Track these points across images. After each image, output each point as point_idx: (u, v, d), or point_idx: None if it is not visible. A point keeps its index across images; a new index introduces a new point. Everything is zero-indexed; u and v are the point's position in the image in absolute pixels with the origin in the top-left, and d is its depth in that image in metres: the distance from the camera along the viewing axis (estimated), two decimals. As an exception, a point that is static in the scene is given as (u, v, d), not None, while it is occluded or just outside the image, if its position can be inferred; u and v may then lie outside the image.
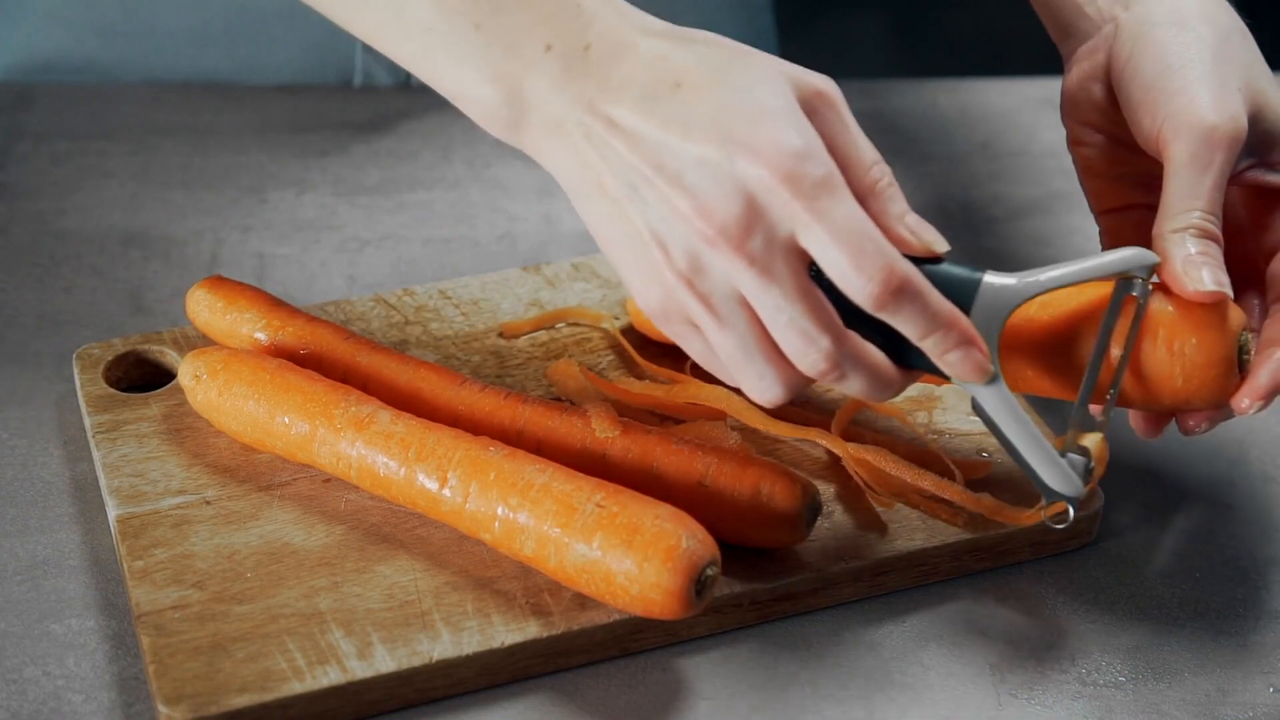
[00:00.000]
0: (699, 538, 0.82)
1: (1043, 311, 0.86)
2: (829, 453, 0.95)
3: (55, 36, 1.27)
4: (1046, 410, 0.98)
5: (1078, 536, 0.94)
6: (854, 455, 0.92)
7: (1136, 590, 0.92)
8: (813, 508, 0.88)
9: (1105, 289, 0.85)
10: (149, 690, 0.83)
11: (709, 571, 0.82)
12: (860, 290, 0.77)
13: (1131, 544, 0.95)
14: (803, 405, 0.98)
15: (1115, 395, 0.85)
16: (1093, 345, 0.85)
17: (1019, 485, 0.94)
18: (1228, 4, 0.91)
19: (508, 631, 0.84)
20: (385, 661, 0.83)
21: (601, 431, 0.90)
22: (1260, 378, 0.84)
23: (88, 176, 1.18)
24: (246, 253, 1.13)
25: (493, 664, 0.84)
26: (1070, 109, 0.94)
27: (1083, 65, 0.93)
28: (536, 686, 0.85)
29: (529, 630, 0.85)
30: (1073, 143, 0.94)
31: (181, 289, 1.07)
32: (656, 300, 0.81)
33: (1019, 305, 0.82)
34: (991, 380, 0.81)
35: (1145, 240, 0.90)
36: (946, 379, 0.82)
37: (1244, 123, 0.86)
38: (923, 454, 0.95)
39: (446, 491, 0.86)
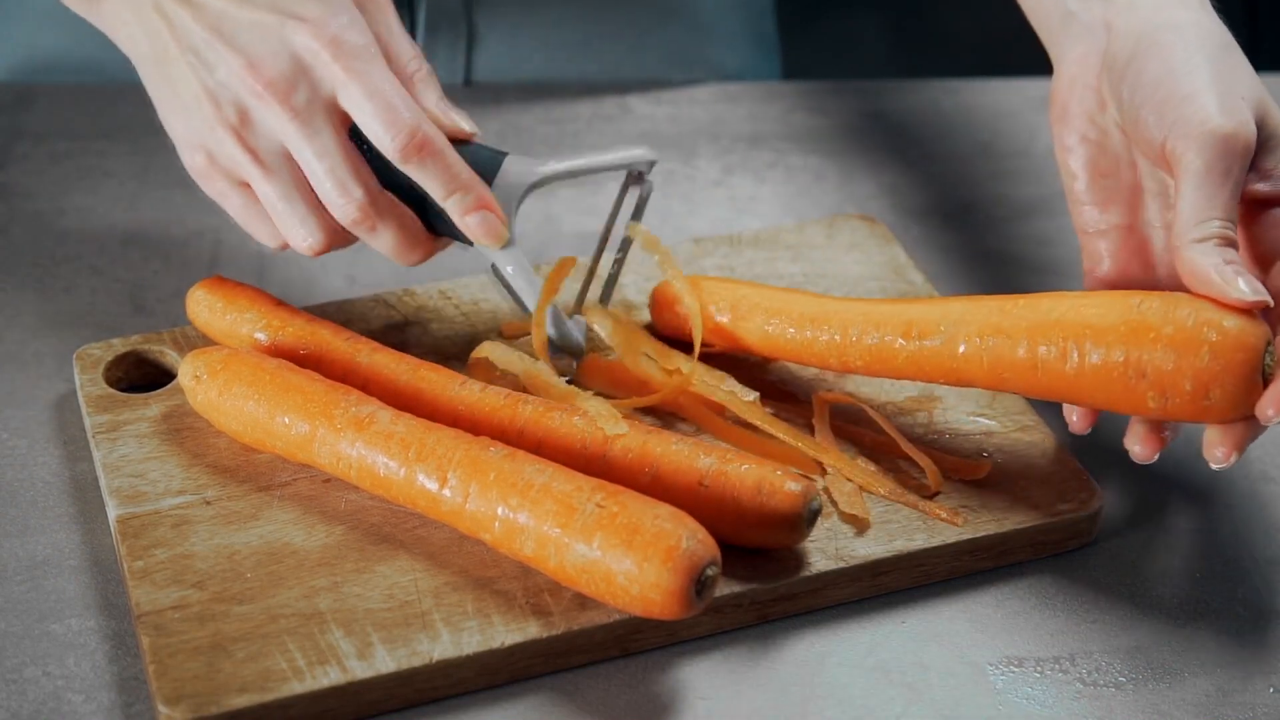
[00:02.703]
0: (699, 538, 0.82)
1: None
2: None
3: (55, 36, 1.27)
4: (1044, 410, 0.98)
5: (1078, 536, 0.94)
6: (842, 468, 0.93)
7: (1136, 590, 0.92)
8: (812, 508, 0.88)
9: None
10: (149, 690, 0.83)
11: (709, 571, 0.82)
12: (388, 143, 0.90)
13: (1131, 544, 0.95)
14: (803, 406, 0.98)
15: (618, 272, 1.00)
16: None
17: (1019, 486, 0.94)
18: (1216, 15, 0.91)
19: (508, 631, 0.84)
20: (385, 661, 0.83)
21: (610, 429, 0.90)
22: None
23: (88, 176, 1.18)
24: (246, 253, 1.13)
25: (493, 664, 0.84)
26: (1060, 114, 0.94)
27: (1074, 70, 0.93)
28: (536, 686, 0.85)
29: (529, 630, 0.85)
30: (1060, 150, 0.94)
31: (181, 289, 1.07)
32: (205, 157, 0.92)
33: (534, 184, 0.94)
34: (508, 245, 0.93)
35: (1129, 267, 0.92)
36: (469, 244, 0.94)
37: (1254, 130, 0.85)
38: (924, 452, 0.95)
39: (446, 492, 0.86)
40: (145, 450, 0.93)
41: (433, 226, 0.95)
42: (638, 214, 1.00)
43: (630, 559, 0.82)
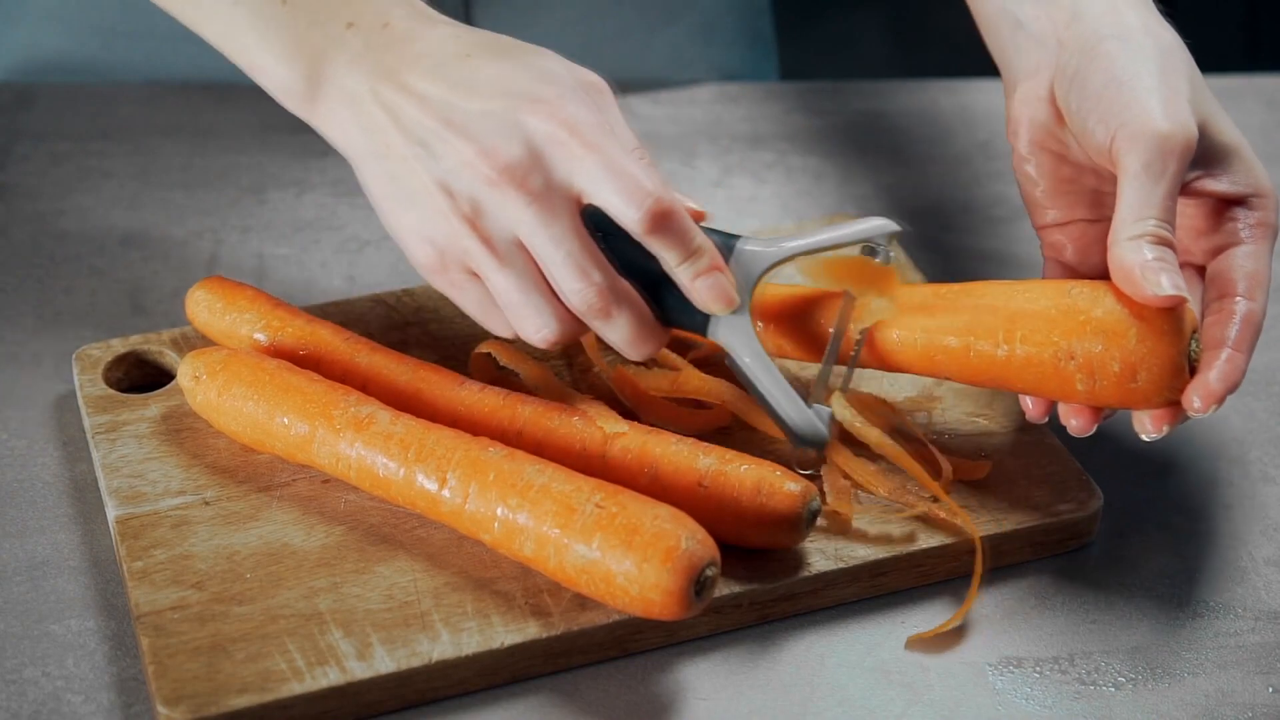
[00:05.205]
0: (699, 538, 0.82)
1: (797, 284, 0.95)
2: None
3: (55, 36, 1.27)
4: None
5: (1078, 536, 0.94)
6: (841, 463, 0.93)
7: (1136, 590, 0.92)
8: (812, 508, 0.88)
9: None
10: (148, 691, 0.83)
11: (709, 572, 0.82)
12: (631, 214, 0.85)
13: (1131, 544, 0.95)
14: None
15: (857, 357, 0.92)
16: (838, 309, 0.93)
17: (1018, 486, 0.94)
18: (1166, 22, 0.92)
19: (507, 632, 0.84)
20: (385, 662, 0.83)
21: (609, 428, 0.90)
22: (1212, 381, 0.85)
23: (88, 176, 1.18)
24: (246, 253, 1.13)
25: (492, 664, 0.84)
26: (1015, 129, 0.95)
27: (1027, 85, 0.94)
28: (536, 687, 0.85)
29: (529, 630, 0.85)
30: (1018, 162, 0.95)
31: (181, 289, 1.07)
32: (436, 250, 0.88)
33: (770, 267, 0.90)
34: (740, 315, 0.88)
35: (1092, 252, 0.93)
36: (703, 335, 0.89)
37: (1195, 131, 0.87)
38: (922, 454, 0.95)
39: (446, 492, 0.86)
40: (145, 451, 0.93)
41: (663, 317, 0.90)
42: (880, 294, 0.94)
43: (630, 559, 0.82)
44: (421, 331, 1.02)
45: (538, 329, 0.88)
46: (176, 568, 0.87)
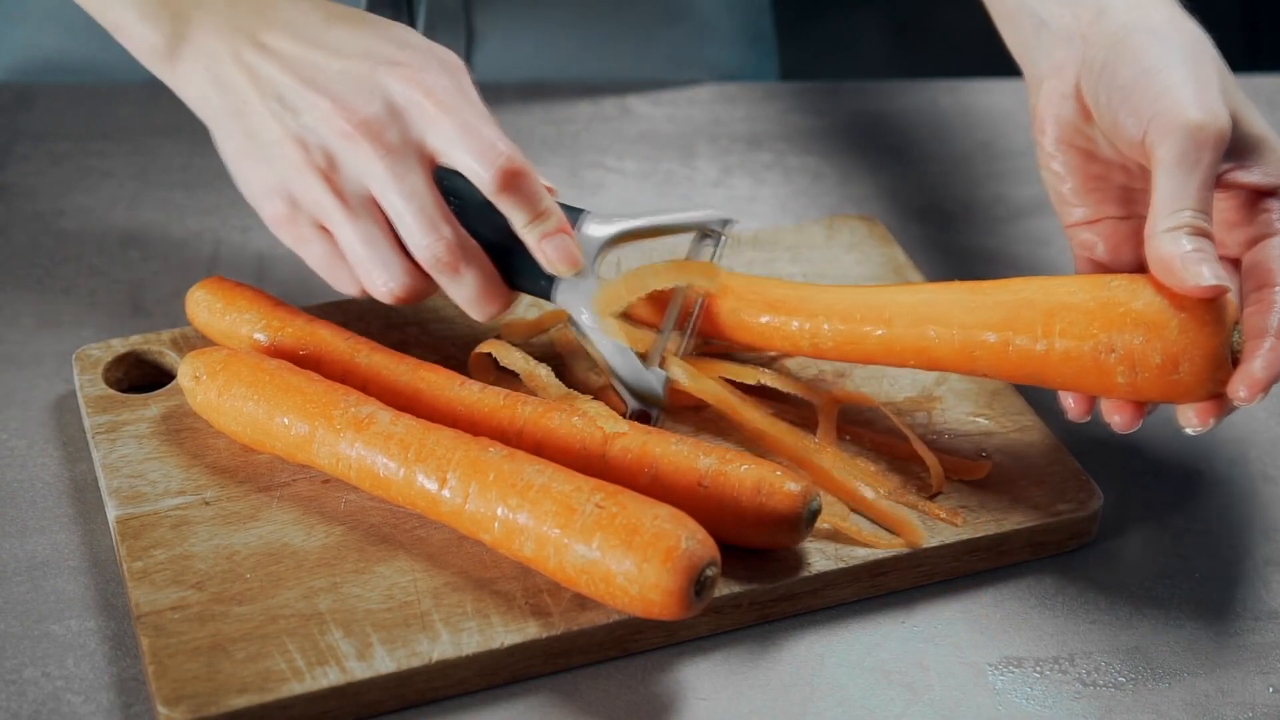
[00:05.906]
0: (699, 538, 0.82)
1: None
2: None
3: (55, 36, 1.27)
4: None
5: (1078, 536, 0.94)
6: (834, 463, 0.93)
7: (1136, 590, 0.92)
8: (812, 508, 0.88)
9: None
10: (148, 691, 0.83)
11: (708, 572, 0.82)
12: (482, 174, 0.89)
13: (1131, 544, 0.95)
14: (799, 408, 0.98)
15: (694, 326, 0.97)
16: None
17: (1018, 486, 0.94)
18: (1190, 17, 0.92)
19: (507, 632, 0.84)
20: (385, 662, 0.83)
21: (609, 428, 0.90)
22: (1257, 370, 0.84)
23: (87, 176, 1.18)
24: (246, 253, 1.13)
25: (492, 664, 0.84)
26: (1041, 126, 0.94)
27: (1052, 82, 0.94)
28: (536, 687, 0.85)
29: (529, 630, 0.85)
30: (1044, 159, 0.95)
31: (181, 289, 1.07)
32: (286, 203, 0.91)
33: (610, 240, 0.95)
34: (582, 276, 0.93)
35: (1123, 249, 0.93)
36: (547, 298, 0.94)
37: (1228, 121, 0.86)
38: (913, 453, 0.95)
39: (446, 492, 0.86)
40: (145, 451, 0.93)
41: (509, 281, 0.94)
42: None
43: (630, 559, 0.82)
44: (421, 331, 1.02)
45: (385, 283, 0.91)
46: (176, 568, 0.87)
